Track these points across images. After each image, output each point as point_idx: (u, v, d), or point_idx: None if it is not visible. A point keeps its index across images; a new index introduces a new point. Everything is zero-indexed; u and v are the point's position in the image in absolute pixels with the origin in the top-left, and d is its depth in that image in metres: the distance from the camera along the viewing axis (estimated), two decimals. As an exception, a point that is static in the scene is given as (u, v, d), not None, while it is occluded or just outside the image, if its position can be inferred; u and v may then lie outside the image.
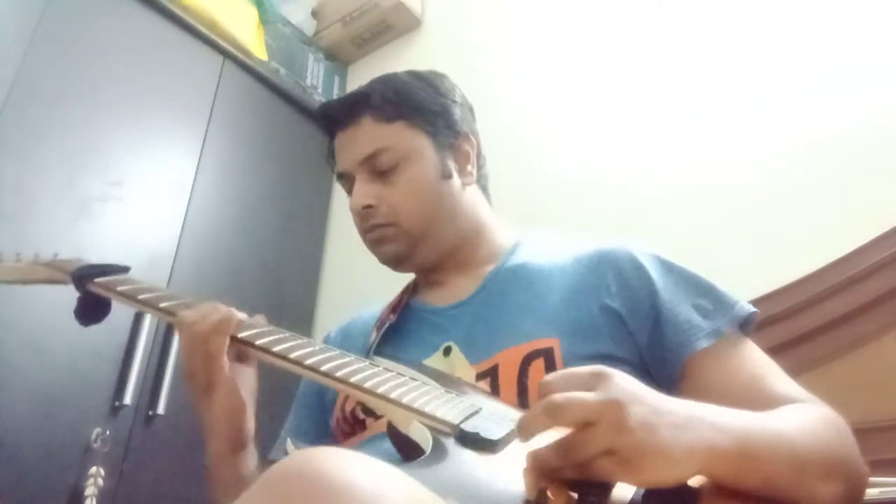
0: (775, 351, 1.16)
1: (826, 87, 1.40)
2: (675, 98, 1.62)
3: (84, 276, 0.86)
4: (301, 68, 2.26)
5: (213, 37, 1.93)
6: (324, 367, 0.69)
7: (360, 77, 2.41)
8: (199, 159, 1.82)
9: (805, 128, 1.40)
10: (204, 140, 1.85)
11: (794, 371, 1.17)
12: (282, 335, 0.77)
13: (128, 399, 1.46)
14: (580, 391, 0.53)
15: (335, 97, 2.32)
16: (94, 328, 1.46)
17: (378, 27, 2.31)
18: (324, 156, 1.00)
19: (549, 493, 0.50)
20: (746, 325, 0.79)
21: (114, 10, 1.74)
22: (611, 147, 1.68)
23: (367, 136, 0.91)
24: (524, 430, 0.54)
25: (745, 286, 1.27)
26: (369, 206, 0.90)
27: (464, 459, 0.57)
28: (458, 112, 0.97)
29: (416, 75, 0.98)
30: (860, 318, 1.14)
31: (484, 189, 1.01)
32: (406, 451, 0.65)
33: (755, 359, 0.77)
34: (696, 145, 1.54)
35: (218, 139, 1.88)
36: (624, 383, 0.54)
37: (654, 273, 0.81)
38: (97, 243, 1.53)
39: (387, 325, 0.92)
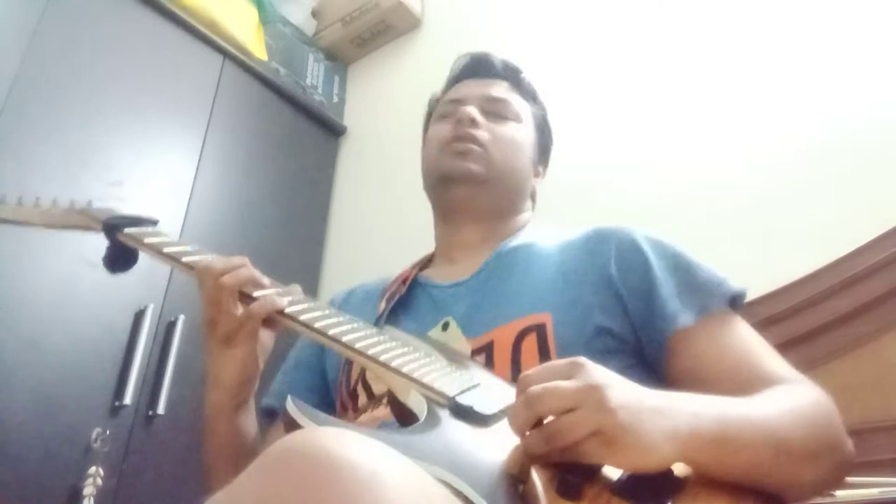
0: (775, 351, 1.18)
1: (827, 86, 1.40)
2: (675, 97, 1.62)
3: (115, 225, 0.87)
4: (301, 68, 2.26)
5: (213, 37, 1.94)
6: (339, 335, 0.71)
7: (360, 77, 2.41)
8: (200, 159, 1.82)
9: (805, 127, 1.40)
10: (204, 140, 1.85)
11: (794, 371, 1.18)
12: (308, 304, 0.78)
13: (128, 399, 1.45)
14: (558, 381, 0.54)
15: (335, 98, 2.32)
16: (93, 328, 1.49)
17: (378, 27, 2.31)
18: (327, 155, 1.01)
19: (532, 470, 0.52)
20: (736, 303, 0.80)
21: (114, 10, 1.74)
22: (611, 147, 1.68)
23: (503, 90, 1.02)
24: (514, 425, 0.55)
25: (745, 286, 1.28)
26: (475, 121, 0.96)
27: (455, 430, 0.59)
28: (550, 136, 1.11)
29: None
30: (860, 318, 1.14)
31: (532, 198, 1.08)
32: (403, 420, 0.67)
33: (744, 337, 0.78)
34: (696, 145, 1.55)
35: (218, 139, 1.88)
36: (600, 370, 0.55)
37: (649, 251, 0.83)
38: (97, 243, 1.53)
39: (396, 296, 0.94)
